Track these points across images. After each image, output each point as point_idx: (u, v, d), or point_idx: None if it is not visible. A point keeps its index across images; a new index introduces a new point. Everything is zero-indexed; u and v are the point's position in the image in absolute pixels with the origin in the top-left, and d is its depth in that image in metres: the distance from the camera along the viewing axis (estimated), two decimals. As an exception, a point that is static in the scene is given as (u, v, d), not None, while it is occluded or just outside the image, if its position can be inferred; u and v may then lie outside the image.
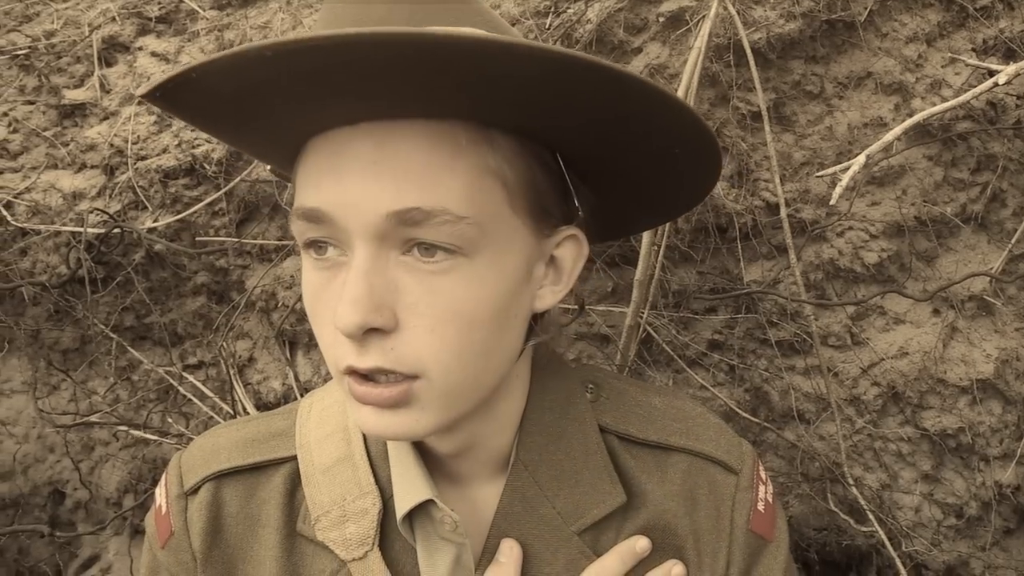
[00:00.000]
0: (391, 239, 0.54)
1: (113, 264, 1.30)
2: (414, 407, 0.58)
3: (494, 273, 0.57)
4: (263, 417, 0.77)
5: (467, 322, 0.56)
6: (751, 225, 1.15)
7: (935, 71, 1.14)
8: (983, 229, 1.20)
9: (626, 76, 0.50)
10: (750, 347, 1.19)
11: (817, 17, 1.11)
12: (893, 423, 1.16)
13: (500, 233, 0.58)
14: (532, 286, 0.63)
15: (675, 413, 0.75)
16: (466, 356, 0.58)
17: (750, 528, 0.70)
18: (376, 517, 0.67)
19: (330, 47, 0.44)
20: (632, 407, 0.75)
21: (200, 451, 0.74)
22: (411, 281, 0.55)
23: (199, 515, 0.70)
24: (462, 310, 0.56)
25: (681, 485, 0.71)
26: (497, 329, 0.59)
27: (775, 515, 0.73)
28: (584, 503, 0.69)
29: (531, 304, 0.63)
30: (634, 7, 1.16)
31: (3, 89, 1.37)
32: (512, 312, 0.60)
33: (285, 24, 1.27)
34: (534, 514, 0.69)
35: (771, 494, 0.74)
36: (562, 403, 0.72)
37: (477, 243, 0.56)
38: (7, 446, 1.45)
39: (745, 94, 1.14)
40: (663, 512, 0.70)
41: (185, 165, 1.27)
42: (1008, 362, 1.15)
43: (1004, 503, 1.18)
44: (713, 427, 0.74)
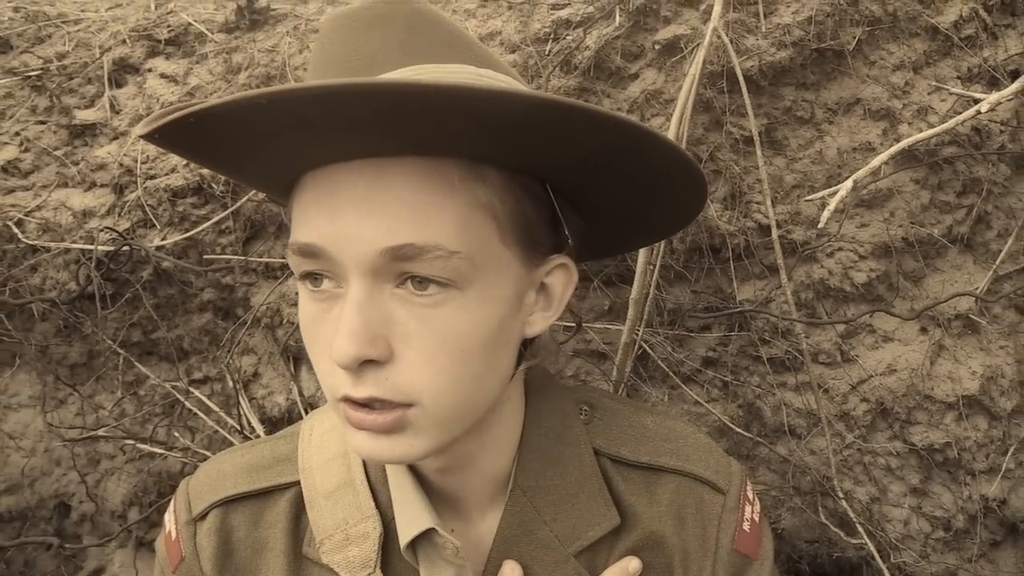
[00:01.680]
0: (385, 273, 0.56)
1: (122, 281, 1.33)
2: (408, 432, 0.60)
3: (485, 304, 0.59)
4: (266, 442, 0.79)
5: (459, 351, 0.58)
6: (744, 246, 1.18)
7: (921, 98, 1.18)
8: (969, 250, 1.23)
9: (605, 117, 0.52)
10: (743, 364, 1.22)
11: (807, 46, 1.15)
12: (882, 438, 1.20)
13: (491, 265, 0.59)
14: (523, 313, 0.65)
15: (666, 434, 0.77)
16: (459, 384, 0.59)
17: (734, 548, 0.72)
18: (377, 540, 0.69)
19: (320, 96, 0.46)
20: (625, 428, 0.76)
21: (207, 477, 0.76)
22: (405, 313, 0.57)
23: (208, 540, 0.72)
24: (455, 340, 0.58)
25: (669, 505, 0.73)
26: (489, 357, 0.61)
27: (761, 534, 0.75)
28: (580, 526, 0.71)
29: (522, 330, 0.65)
30: (631, 35, 1.20)
31: (15, 109, 1.40)
32: (503, 339, 0.62)
33: (292, 48, 1.30)
34: (532, 538, 0.71)
35: (757, 513, 0.76)
36: (558, 427, 0.74)
37: (469, 276, 0.57)
38: (14, 459, 1.47)
39: (738, 119, 1.17)
40: (652, 532, 0.72)
41: (193, 184, 1.30)
42: (993, 379, 1.18)
43: (990, 516, 1.21)
44: (703, 447, 0.76)
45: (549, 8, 1.22)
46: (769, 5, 1.16)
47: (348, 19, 0.62)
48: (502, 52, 1.21)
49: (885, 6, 1.16)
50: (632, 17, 1.19)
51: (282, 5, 1.38)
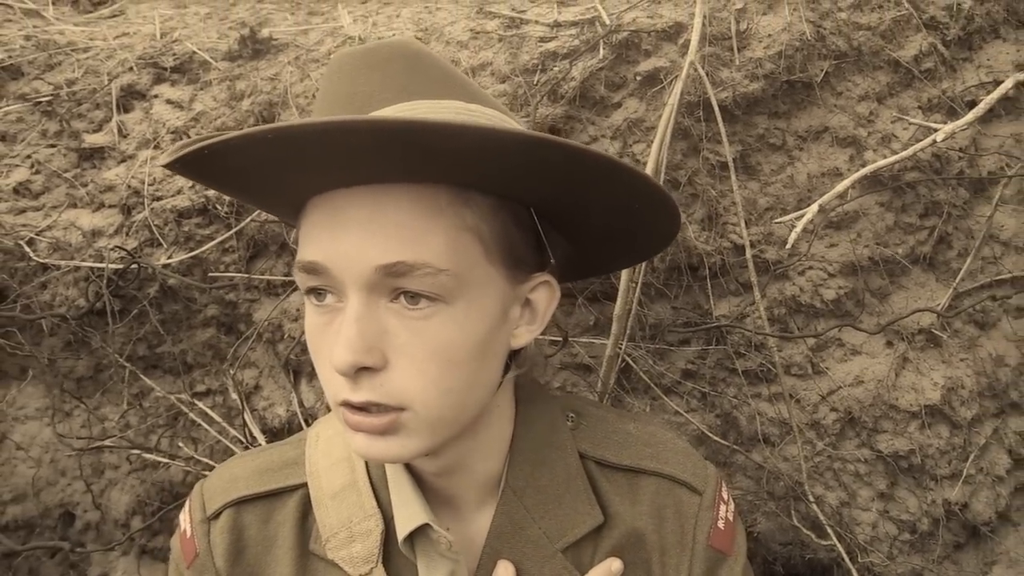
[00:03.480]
0: (380, 288, 0.62)
1: (129, 297, 1.39)
2: (401, 434, 0.66)
3: (472, 317, 0.65)
4: (275, 447, 0.85)
5: (448, 360, 0.64)
6: (720, 265, 1.26)
7: (885, 127, 1.27)
8: (931, 268, 1.31)
9: (578, 152, 0.59)
10: (720, 376, 1.30)
11: (778, 78, 1.23)
12: (851, 445, 1.27)
13: (477, 281, 0.65)
14: (508, 326, 0.71)
15: (647, 439, 0.82)
16: (448, 391, 0.65)
17: (709, 543, 0.77)
18: (379, 537, 0.75)
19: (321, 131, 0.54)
20: (609, 433, 0.82)
21: (220, 480, 0.82)
22: (398, 325, 0.63)
23: (221, 538, 0.78)
24: (443, 351, 0.64)
25: (650, 505, 0.78)
26: (476, 366, 0.67)
27: (735, 532, 0.80)
28: (566, 523, 0.76)
29: (508, 342, 0.71)
30: (614, 66, 1.28)
31: (27, 133, 1.46)
32: (490, 350, 0.68)
33: (293, 77, 1.37)
34: (522, 535, 0.76)
35: (732, 513, 0.81)
36: (546, 432, 0.80)
37: (456, 292, 0.63)
38: (21, 470, 1.52)
39: (714, 146, 1.25)
40: (633, 530, 0.77)
41: (198, 206, 1.36)
42: (954, 390, 1.26)
43: (953, 520, 1.28)
44: (681, 452, 0.82)
45: (537, 41, 1.30)
46: (743, 40, 1.24)
47: (352, 59, 0.69)
48: (492, 82, 1.28)
49: (850, 41, 1.24)
50: (615, 50, 1.27)
51: (284, 35, 1.45)
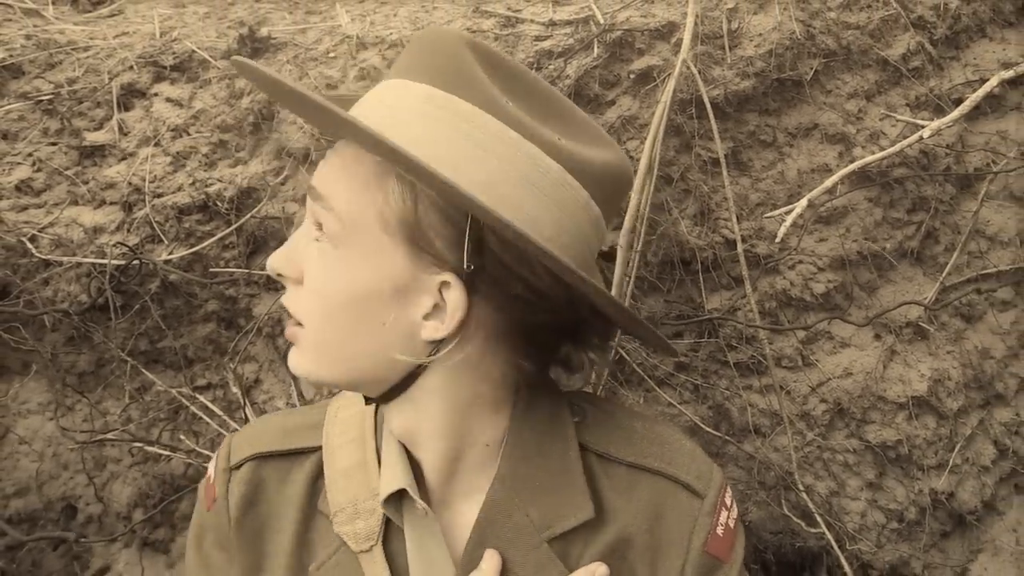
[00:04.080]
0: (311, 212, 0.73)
1: (130, 293, 1.41)
2: (298, 347, 0.75)
3: (350, 269, 0.71)
4: (302, 410, 0.90)
5: (333, 299, 0.72)
6: (712, 259, 1.28)
7: (873, 124, 1.29)
8: (919, 263, 1.34)
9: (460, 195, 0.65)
10: (712, 368, 1.32)
11: (769, 76, 1.26)
12: (840, 436, 1.30)
13: (365, 242, 0.70)
14: (410, 308, 0.72)
15: (654, 438, 0.81)
16: (328, 325, 0.72)
17: (705, 550, 0.75)
18: (381, 517, 0.78)
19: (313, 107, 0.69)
20: (615, 429, 0.81)
21: (247, 435, 0.87)
22: (312, 250, 0.73)
23: (238, 487, 0.83)
24: (323, 285, 0.72)
25: (647, 503, 0.77)
26: (360, 319, 0.72)
27: (734, 539, 0.78)
28: (556, 514, 0.76)
29: (412, 322, 0.72)
30: (608, 65, 1.30)
31: (28, 131, 1.48)
32: (371, 310, 0.72)
33: (292, 75, 1.39)
34: (509, 522, 0.76)
35: (733, 520, 0.79)
36: (546, 422, 0.80)
37: (342, 239, 0.70)
38: (23, 463, 1.54)
39: (706, 143, 1.27)
40: (627, 527, 0.76)
41: (199, 202, 1.38)
42: (940, 381, 1.29)
43: (940, 508, 1.31)
44: (687, 453, 0.80)
45: (532, 40, 1.32)
46: (734, 39, 1.26)
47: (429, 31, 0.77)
48: (489, 80, 1.31)
49: (839, 40, 1.27)
50: (609, 49, 1.29)
51: (282, 34, 1.47)
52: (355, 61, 1.38)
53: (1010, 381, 1.32)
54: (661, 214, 1.29)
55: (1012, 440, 1.32)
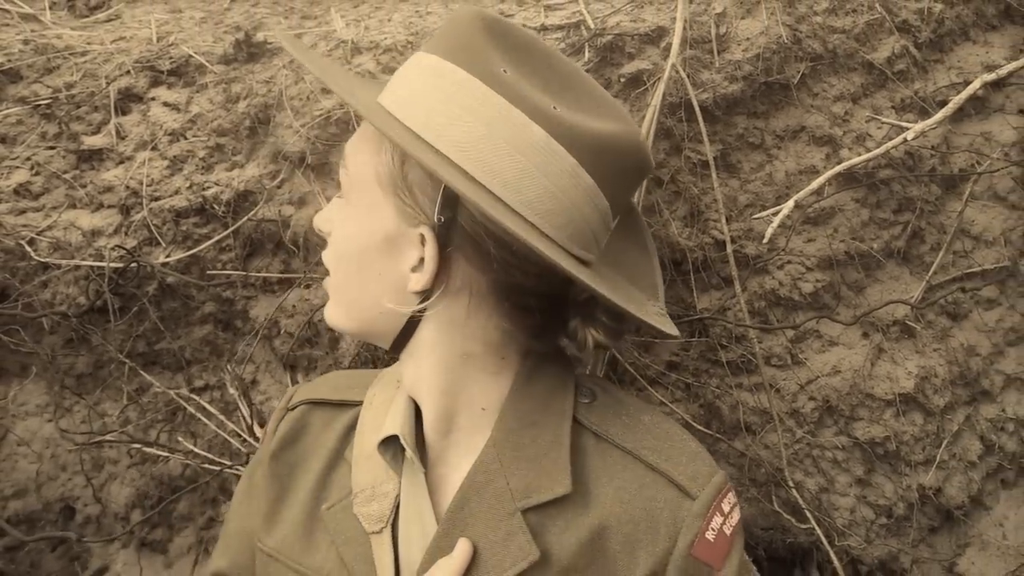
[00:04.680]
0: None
1: (128, 295, 1.42)
2: (330, 298, 0.87)
3: (357, 221, 0.81)
4: (360, 373, 1.03)
5: (343, 247, 0.83)
6: (702, 260, 1.30)
7: (860, 126, 1.31)
8: (905, 262, 1.36)
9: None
10: (703, 367, 1.34)
11: (757, 79, 1.28)
12: (829, 433, 1.32)
13: (367, 195, 0.80)
14: (399, 259, 0.79)
15: (658, 432, 0.80)
16: (340, 272, 0.84)
17: (691, 552, 0.73)
18: (394, 499, 0.82)
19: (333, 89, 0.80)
20: (621, 415, 0.82)
21: (309, 385, 1.00)
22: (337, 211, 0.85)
23: (286, 426, 0.95)
24: (341, 238, 0.83)
25: (636, 496, 0.76)
26: (360, 267, 0.81)
27: (729, 548, 0.76)
28: (534, 485, 0.77)
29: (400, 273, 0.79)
30: (599, 68, 1.32)
31: (26, 135, 1.50)
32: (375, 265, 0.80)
33: (288, 79, 1.41)
34: (491, 487, 0.78)
35: (731, 527, 0.76)
36: (545, 396, 0.82)
37: (351, 193, 0.82)
38: (22, 465, 1.55)
39: (696, 145, 1.30)
40: (611, 515, 0.76)
41: (196, 205, 1.40)
42: (927, 378, 1.31)
43: (928, 504, 1.34)
44: (689, 453, 0.79)
45: (524, 44, 1.34)
46: (722, 43, 1.29)
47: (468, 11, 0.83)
48: (482, 84, 1.33)
49: (825, 44, 1.29)
50: (600, 53, 1.31)
51: (278, 39, 1.49)
52: (350, 66, 1.40)
53: (996, 378, 1.34)
54: (652, 216, 1.31)
55: (998, 436, 1.35)
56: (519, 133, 0.73)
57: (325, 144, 1.35)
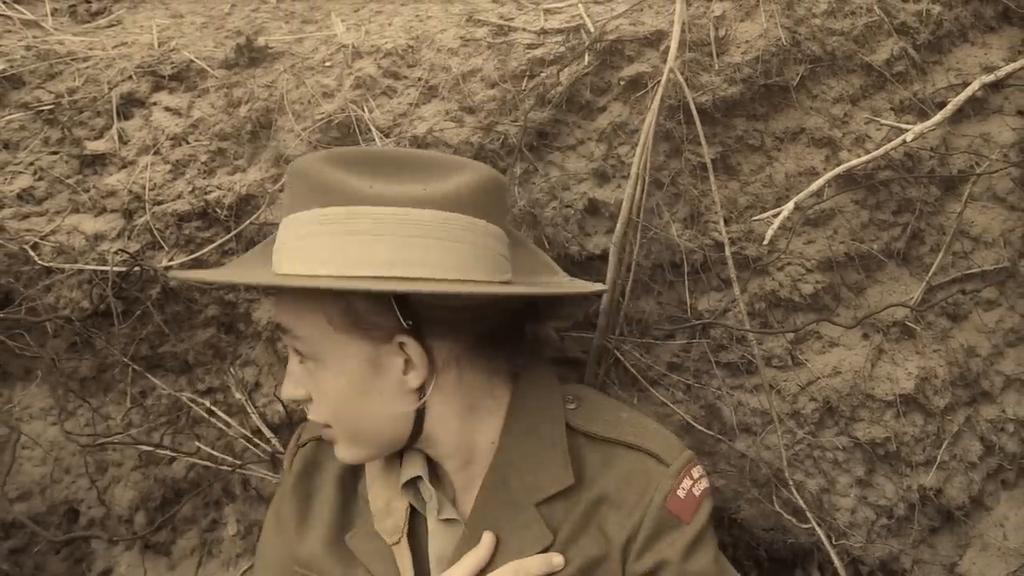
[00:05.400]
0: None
1: (131, 299, 1.43)
2: (336, 443, 0.95)
3: (338, 371, 0.89)
4: None
5: (334, 399, 0.90)
6: (702, 262, 1.31)
7: (859, 127, 1.32)
8: (905, 263, 1.37)
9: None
10: (704, 368, 1.35)
11: (756, 82, 1.28)
12: (829, 434, 1.32)
13: (333, 346, 0.88)
14: (390, 373, 0.90)
15: (635, 422, 0.97)
16: (345, 417, 0.91)
17: (664, 505, 0.89)
18: (404, 514, 0.97)
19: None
20: (602, 413, 0.98)
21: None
22: (304, 371, 0.92)
23: (299, 461, 1.09)
24: (328, 393, 0.90)
25: (620, 469, 0.92)
26: (361, 401, 0.90)
27: (697, 506, 0.91)
28: (542, 482, 0.92)
29: (399, 382, 0.91)
30: (599, 72, 1.33)
31: (29, 141, 1.50)
32: (371, 391, 0.90)
33: (289, 84, 1.42)
34: (507, 486, 0.93)
35: (700, 490, 0.92)
36: (541, 407, 0.97)
37: (319, 354, 0.89)
38: (26, 468, 1.56)
39: (695, 147, 1.30)
40: (603, 489, 0.92)
41: (198, 209, 1.41)
42: (927, 379, 1.31)
43: (928, 504, 1.34)
44: (662, 435, 0.96)
45: (525, 48, 1.35)
46: (721, 46, 1.29)
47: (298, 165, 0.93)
48: (482, 88, 1.33)
49: (824, 46, 1.30)
50: (600, 56, 1.32)
51: (279, 44, 1.50)
52: (351, 70, 1.40)
53: (996, 379, 1.35)
54: (652, 218, 1.31)
55: (998, 436, 1.35)
56: (416, 224, 0.85)
57: (326, 148, 1.36)
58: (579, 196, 1.32)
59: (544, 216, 1.31)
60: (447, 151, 1.31)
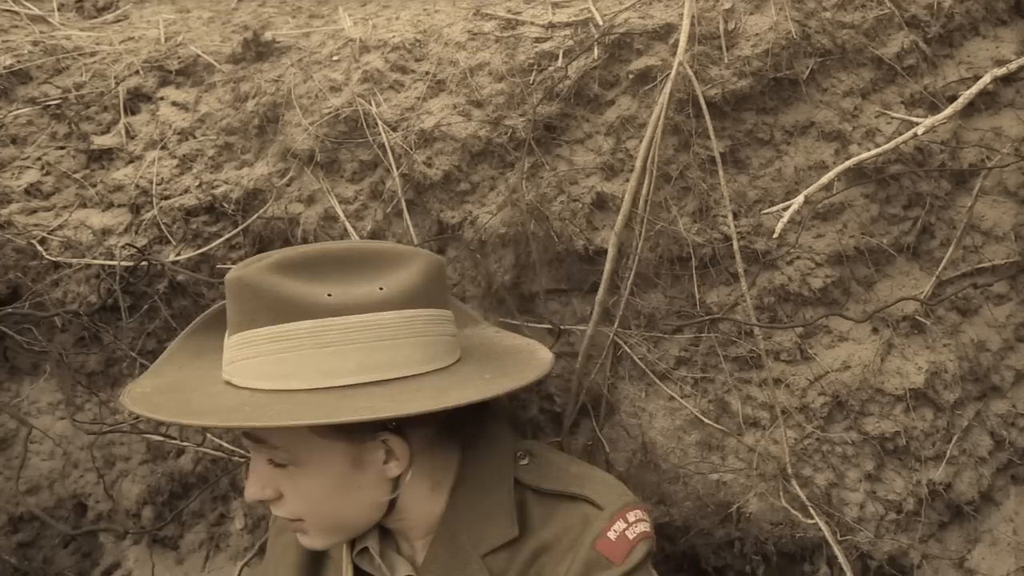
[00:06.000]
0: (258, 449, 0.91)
1: (139, 293, 1.43)
2: (308, 534, 0.96)
3: (321, 474, 0.90)
4: None
5: (314, 500, 0.92)
6: (711, 256, 1.30)
7: (869, 121, 1.31)
8: (915, 258, 1.36)
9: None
10: (712, 363, 1.34)
11: (765, 75, 1.28)
12: (838, 428, 1.32)
13: (315, 452, 0.89)
14: (372, 467, 0.93)
15: (583, 475, 1.01)
16: (323, 514, 0.93)
17: (594, 546, 0.91)
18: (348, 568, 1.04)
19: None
20: (552, 469, 1.01)
21: None
22: (277, 476, 0.92)
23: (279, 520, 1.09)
24: (307, 495, 0.91)
25: (561, 519, 0.95)
26: (341, 497, 0.92)
27: (630, 548, 0.92)
28: (488, 535, 0.96)
29: (380, 474, 0.94)
30: (607, 65, 1.32)
31: (37, 136, 1.50)
32: (351, 486, 0.92)
33: (296, 78, 1.42)
34: (455, 541, 0.97)
35: (635, 533, 0.94)
36: (490, 465, 1.01)
37: (299, 459, 0.89)
38: (34, 462, 1.56)
39: (704, 141, 1.29)
40: (543, 539, 0.95)
41: (205, 204, 1.41)
42: (937, 374, 1.31)
43: (938, 499, 1.33)
44: (607, 484, 0.99)
45: (533, 41, 1.34)
46: (731, 39, 1.28)
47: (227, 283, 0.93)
48: (490, 82, 1.33)
49: (834, 39, 1.29)
50: (608, 49, 1.31)
51: (286, 38, 1.49)
52: (358, 64, 1.40)
53: (1006, 373, 1.34)
54: (661, 212, 1.31)
55: (1008, 431, 1.34)
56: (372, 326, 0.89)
57: (334, 142, 1.36)
58: (587, 190, 1.32)
59: (551, 210, 1.31)
60: (455, 144, 1.31)
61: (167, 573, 1.55)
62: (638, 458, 1.33)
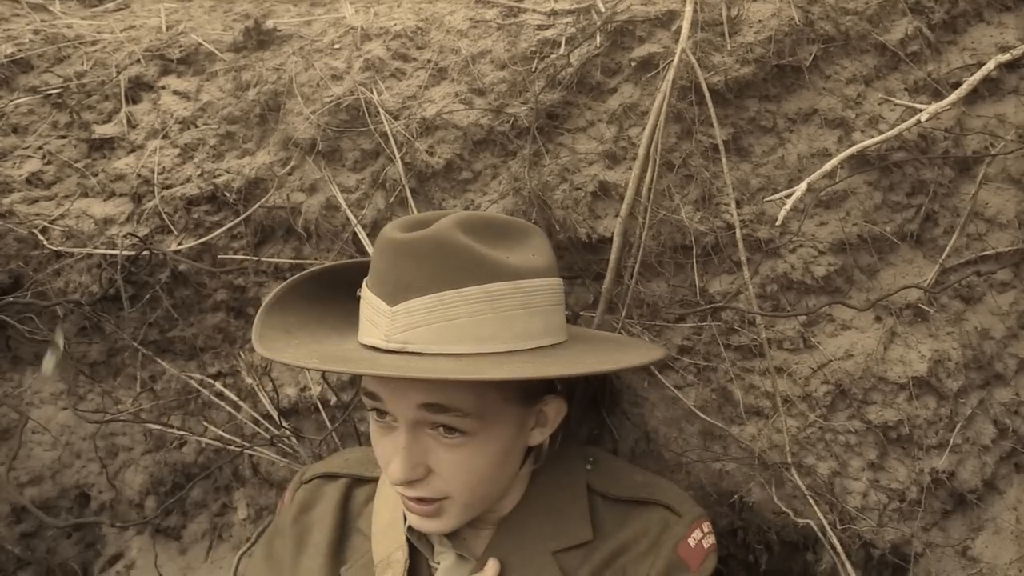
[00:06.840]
0: (423, 421, 0.86)
1: (141, 283, 1.43)
2: (444, 516, 0.91)
3: (493, 444, 0.88)
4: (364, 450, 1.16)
5: (475, 472, 0.88)
6: (713, 244, 1.30)
7: (872, 108, 1.31)
8: (919, 245, 1.35)
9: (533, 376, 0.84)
10: (715, 351, 1.34)
11: (768, 62, 1.27)
12: (841, 417, 1.31)
13: (496, 419, 0.88)
14: (524, 434, 0.94)
15: (651, 483, 1.03)
16: (476, 487, 0.90)
17: (676, 550, 0.94)
18: (403, 566, 0.98)
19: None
20: (619, 476, 1.03)
21: (323, 462, 1.15)
22: (437, 447, 0.87)
23: (302, 495, 1.10)
24: (472, 467, 0.88)
25: (638, 522, 0.97)
26: (498, 470, 0.91)
27: (704, 557, 0.96)
28: (561, 532, 0.96)
29: (525, 443, 0.95)
30: (610, 52, 1.31)
31: (38, 125, 1.50)
32: (508, 458, 0.92)
33: (298, 67, 1.41)
34: (525, 531, 0.97)
35: (708, 545, 0.97)
36: (564, 468, 1.03)
37: (479, 428, 0.86)
38: (37, 452, 1.57)
39: (707, 128, 1.29)
40: (619, 543, 0.96)
41: (207, 193, 1.40)
42: (941, 362, 1.30)
43: (941, 488, 1.33)
44: (675, 492, 1.02)
45: (535, 29, 1.34)
46: (734, 26, 1.28)
47: (391, 244, 0.87)
48: (492, 69, 1.32)
49: (838, 25, 1.28)
50: (611, 37, 1.31)
51: (287, 26, 1.49)
52: (360, 52, 1.40)
53: (1009, 361, 1.34)
54: (664, 200, 1.30)
55: (1012, 420, 1.34)
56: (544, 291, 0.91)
57: (335, 130, 1.36)
58: (589, 178, 1.31)
59: (554, 199, 1.30)
60: (457, 133, 1.31)
61: (170, 563, 1.55)
62: (640, 447, 1.33)
